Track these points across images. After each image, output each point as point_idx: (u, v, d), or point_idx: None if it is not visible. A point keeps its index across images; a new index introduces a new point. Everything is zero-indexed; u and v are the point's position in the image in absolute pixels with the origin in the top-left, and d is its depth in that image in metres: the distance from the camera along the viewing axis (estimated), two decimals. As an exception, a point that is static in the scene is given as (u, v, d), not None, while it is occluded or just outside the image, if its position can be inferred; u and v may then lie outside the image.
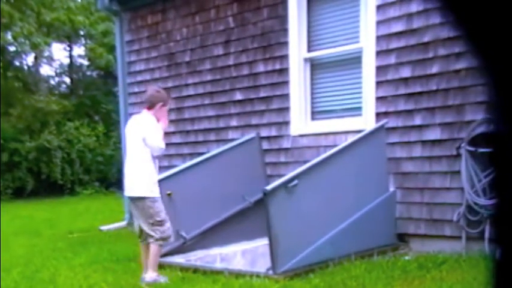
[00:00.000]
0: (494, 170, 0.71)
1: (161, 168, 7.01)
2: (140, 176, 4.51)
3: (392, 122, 5.43)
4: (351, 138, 5.24)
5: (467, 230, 5.00)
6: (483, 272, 4.20)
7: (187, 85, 7.21)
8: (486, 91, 0.68)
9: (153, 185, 4.52)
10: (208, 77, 6.96)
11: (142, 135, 4.51)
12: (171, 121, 7.33)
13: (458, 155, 5.02)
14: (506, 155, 0.67)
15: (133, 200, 4.60)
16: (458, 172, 5.02)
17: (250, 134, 6.30)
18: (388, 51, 5.46)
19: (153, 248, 4.54)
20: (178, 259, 5.33)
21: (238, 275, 4.64)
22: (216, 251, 5.60)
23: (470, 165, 4.89)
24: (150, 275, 4.52)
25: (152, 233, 4.51)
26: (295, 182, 4.59)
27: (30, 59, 19.83)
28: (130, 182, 4.57)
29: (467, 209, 4.96)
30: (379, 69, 5.53)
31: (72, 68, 21.19)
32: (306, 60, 6.15)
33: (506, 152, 0.67)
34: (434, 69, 5.18)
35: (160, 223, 4.51)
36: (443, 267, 4.51)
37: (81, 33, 20.55)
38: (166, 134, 7.38)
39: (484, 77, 0.67)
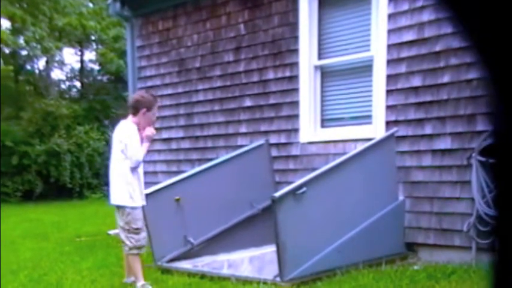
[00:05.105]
0: (495, 181, 0.70)
1: (170, 174, 7.05)
2: (120, 184, 4.49)
3: (402, 131, 5.40)
4: (360, 146, 5.22)
5: (477, 240, 4.95)
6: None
7: (197, 91, 7.23)
8: (490, 103, 0.68)
9: (133, 193, 4.46)
10: (218, 83, 6.98)
11: (122, 145, 4.48)
12: (180, 127, 7.40)
13: (469, 165, 4.99)
14: (507, 164, 0.66)
15: (116, 207, 4.60)
16: (468, 182, 4.98)
17: (259, 141, 6.30)
18: (399, 60, 5.45)
19: (130, 258, 4.57)
20: (186, 264, 5.33)
21: (245, 281, 4.63)
22: (223, 257, 5.59)
23: (481, 176, 4.85)
24: (137, 285, 4.56)
25: (127, 241, 4.53)
26: (304, 189, 4.57)
27: (41, 63, 20.05)
28: (112, 190, 4.57)
29: (478, 220, 4.91)
30: (390, 77, 5.51)
31: (82, 72, 21.35)
32: (316, 67, 6.15)
33: (507, 162, 0.66)
34: (446, 79, 5.16)
35: (136, 231, 4.49)
36: (453, 277, 4.47)
37: (93, 38, 20.73)
38: (175, 139, 7.43)
39: (491, 89, 0.67)
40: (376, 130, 5.59)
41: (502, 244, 0.69)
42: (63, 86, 21.39)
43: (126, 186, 4.46)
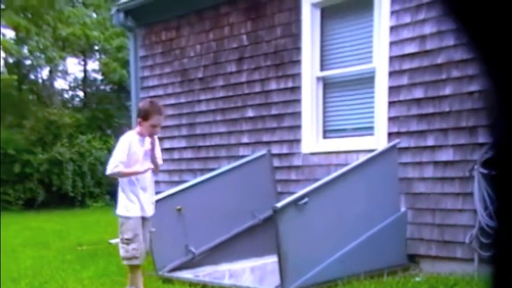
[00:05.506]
0: (495, 193, 0.71)
1: (172, 183, 7.06)
2: (119, 194, 4.48)
3: (404, 142, 5.41)
4: (363, 158, 5.23)
5: (479, 252, 4.94)
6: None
7: (199, 101, 7.26)
8: (491, 114, 0.69)
9: (127, 203, 4.40)
10: (221, 94, 7.01)
11: None
12: (182, 136, 7.42)
13: (471, 177, 4.99)
14: (507, 176, 0.67)
15: None
16: (471, 194, 4.98)
17: (262, 151, 6.31)
18: (401, 72, 5.47)
19: (128, 268, 4.55)
20: (187, 274, 5.32)
21: (246, 292, 4.63)
22: (224, 267, 5.58)
23: (483, 188, 4.85)
24: None
25: (120, 251, 4.50)
26: (306, 199, 4.58)
27: (45, 73, 20.12)
28: None
29: (480, 231, 4.90)
30: (392, 89, 5.53)
31: (86, 82, 21.43)
32: (318, 79, 6.18)
33: (507, 174, 0.67)
34: (447, 91, 5.18)
35: (126, 241, 4.41)
36: (455, 289, 4.46)
37: (96, 48, 20.82)
38: (177, 149, 7.45)
39: (493, 101, 0.67)
40: (378, 141, 5.60)
41: (502, 256, 0.69)
42: (66, 95, 21.45)
43: (121, 196, 4.46)
